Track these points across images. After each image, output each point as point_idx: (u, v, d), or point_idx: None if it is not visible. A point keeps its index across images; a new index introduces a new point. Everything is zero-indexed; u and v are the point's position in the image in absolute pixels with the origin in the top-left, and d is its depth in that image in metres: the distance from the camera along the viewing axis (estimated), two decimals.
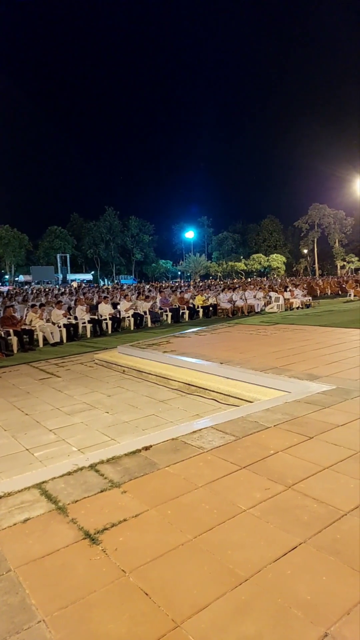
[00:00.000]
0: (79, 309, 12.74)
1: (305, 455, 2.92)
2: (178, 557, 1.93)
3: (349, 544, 1.95)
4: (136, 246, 71.87)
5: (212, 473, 2.73)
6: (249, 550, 1.95)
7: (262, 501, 2.35)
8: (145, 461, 2.97)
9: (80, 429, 4.63)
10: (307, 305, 17.74)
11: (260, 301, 17.64)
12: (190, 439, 3.37)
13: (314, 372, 5.41)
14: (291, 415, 3.77)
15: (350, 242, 68.53)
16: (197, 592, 1.70)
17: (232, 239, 73.87)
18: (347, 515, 2.18)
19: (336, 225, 67.96)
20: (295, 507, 2.28)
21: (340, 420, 3.57)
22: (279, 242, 74.74)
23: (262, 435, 3.36)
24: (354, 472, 2.63)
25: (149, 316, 14.15)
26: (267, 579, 1.76)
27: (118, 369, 7.64)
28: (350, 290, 23.66)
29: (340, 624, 1.52)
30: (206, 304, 16.63)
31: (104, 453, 3.17)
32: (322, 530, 2.07)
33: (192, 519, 2.23)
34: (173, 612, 1.61)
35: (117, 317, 13.50)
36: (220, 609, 1.61)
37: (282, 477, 2.61)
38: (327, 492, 2.41)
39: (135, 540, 2.07)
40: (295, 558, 1.88)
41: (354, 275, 50.59)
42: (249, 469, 2.77)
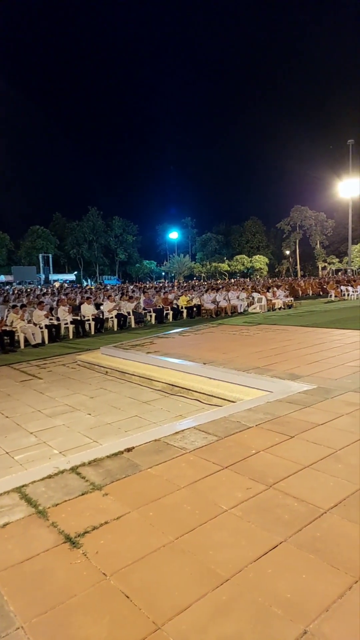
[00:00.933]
0: (61, 310, 12.60)
1: (286, 454, 2.95)
2: (159, 558, 1.93)
3: (328, 542, 1.98)
4: (120, 246, 71.54)
5: (194, 474, 2.74)
6: (231, 550, 1.96)
7: (243, 501, 2.37)
8: (127, 463, 2.96)
9: (62, 431, 4.58)
10: (289, 306, 17.94)
11: (243, 302, 17.76)
12: (173, 439, 3.36)
13: (295, 371, 5.47)
14: (273, 414, 3.81)
15: (331, 243, 69.58)
16: (179, 593, 1.70)
17: (216, 240, 74.21)
18: (327, 513, 2.21)
19: (317, 227, 68.91)
20: (276, 506, 2.29)
21: (321, 419, 3.61)
22: (261, 243, 75.41)
23: (244, 435, 3.38)
24: (333, 471, 2.67)
25: (132, 317, 14.09)
26: (248, 578, 1.77)
27: (101, 370, 7.59)
28: (331, 291, 24.02)
29: (319, 620, 1.53)
30: (190, 304, 16.65)
31: (85, 455, 3.14)
32: (303, 528, 2.09)
33: (174, 520, 2.22)
34: (154, 614, 1.60)
35: (100, 318, 13.41)
36: (201, 610, 1.61)
37: (264, 477, 2.63)
38: (307, 490, 2.44)
39: (117, 542, 2.06)
40: (276, 557, 1.90)
41: (335, 276, 51.40)
42: (231, 468, 2.78)
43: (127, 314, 14.02)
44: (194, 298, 17.45)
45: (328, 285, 26.53)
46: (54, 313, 12.62)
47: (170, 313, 15.67)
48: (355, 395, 4.27)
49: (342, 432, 3.31)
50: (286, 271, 74.43)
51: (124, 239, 71.23)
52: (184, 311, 16.23)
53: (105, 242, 70.53)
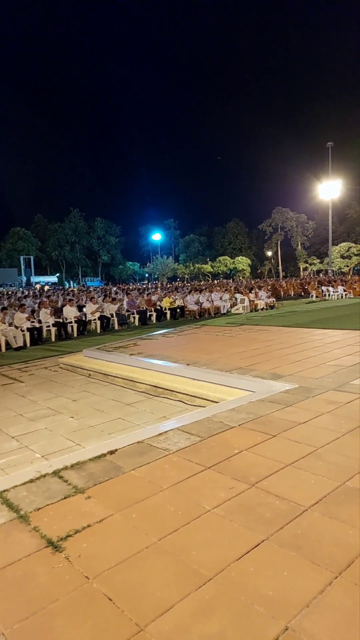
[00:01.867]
0: (43, 312, 12.46)
1: (268, 453, 2.99)
2: (142, 560, 1.92)
3: (309, 539, 2.01)
4: (102, 248, 71.16)
5: (177, 474, 2.74)
6: (213, 549, 1.97)
7: (226, 500, 2.38)
8: (110, 465, 2.95)
9: (44, 435, 4.53)
10: (272, 307, 18.13)
11: (226, 303, 17.87)
12: (156, 441, 3.36)
13: (277, 371, 5.53)
14: (255, 414, 3.84)
15: (312, 244, 70.58)
16: (162, 594, 1.70)
17: (199, 241, 74.52)
18: (308, 510, 2.24)
19: (298, 229, 69.84)
20: (259, 505, 2.32)
21: (302, 418, 3.67)
22: (244, 244, 76.03)
23: (227, 435, 3.41)
24: (314, 468, 2.71)
25: (115, 319, 14.03)
26: (231, 577, 1.78)
27: (84, 372, 7.53)
28: (312, 292, 24.37)
29: (300, 616, 1.56)
30: (173, 305, 16.67)
31: (68, 459, 3.11)
32: (284, 526, 2.12)
33: (157, 521, 2.23)
34: (137, 615, 1.60)
35: (83, 320, 13.31)
36: (184, 610, 1.61)
37: (246, 476, 2.65)
38: (289, 488, 2.47)
39: (100, 545, 2.05)
40: (258, 555, 1.91)
41: (316, 277, 52.18)
42: (214, 469, 2.80)
43: (110, 316, 13.95)
44: (177, 299, 17.47)
45: (309, 286, 26.91)
46: (35, 315, 12.47)
47: (154, 314, 15.65)
48: (335, 393, 4.35)
49: (322, 430, 3.36)
50: (268, 272, 75.16)
51: (106, 240, 70.90)
52: (167, 312, 16.24)
53: (88, 243, 70.09)
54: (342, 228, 67.52)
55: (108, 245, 71.39)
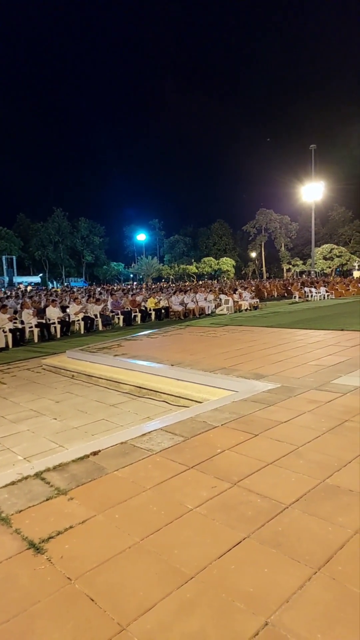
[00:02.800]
0: (26, 313, 12.32)
1: (250, 452, 3.02)
2: (125, 560, 1.93)
3: (289, 536, 2.04)
4: (86, 248, 70.67)
5: (160, 475, 2.75)
6: (195, 548, 1.99)
7: (208, 499, 2.41)
8: (93, 466, 2.94)
9: (27, 436, 4.48)
10: (255, 307, 18.28)
11: (210, 303, 17.95)
12: (139, 441, 3.37)
13: (260, 371, 5.59)
14: (238, 414, 3.88)
15: (295, 246, 71.46)
16: (143, 593, 1.71)
17: (184, 242, 74.68)
18: (289, 508, 2.28)
19: (282, 230, 70.63)
20: (240, 503, 2.35)
21: (284, 417, 3.72)
22: (228, 245, 76.47)
23: (210, 434, 3.43)
24: (295, 467, 2.75)
25: (99, 319, 13.96)
26: (212, 575, 1.80)
27: (67, 374, 7.48)
28: (295, 292, 24.67)
29: (280, 612, 1.58)
30: (158, 306, 16.66)
31: (50, 460, 3.09)
32: (265, 524, 2.15)
33: (139, 521, 2.23)
34: (119, 615, 1.61)
35: (66, 321, 13.20)
36: (165, 608, 1.62)
37: (228, 475, 2.68)
38: (270, 487, 2.51)
39: (82, 546, 2.05)
40: (239, 553, 1.94)
41: (299, 277, 52.82)
42: (197, 468, 2.82)
43: (94, 317, 13.87)
44: (162, 300, 17.47)
45: (292, 287, 27.23)
46: (18, 316, 12.32)
47: (139, 315, 15.62)
48: (316, 393, 4.42)
49: (303, 429, 3.42)
50: (252, 273, 75.74)
51: (90, 240, 70.44)
52: (152, 313, 16.22)
53: (72, 243, 69.52)
54: (324, 230, 68.57)
55: (92, 245, 70.94)
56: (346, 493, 2.39)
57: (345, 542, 1.97)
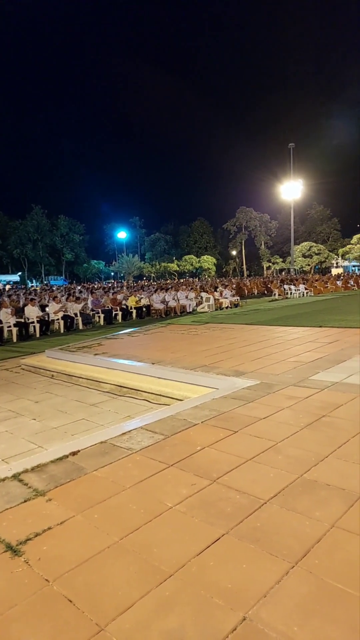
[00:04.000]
0: (4, 312, 12.09)
1: (230, 449, 3.04)
2: (104, 560, 1.92)
3: (267, 531, 2.07)
4: (66, 246, 69.78)
5: (140, 473, 2.75)
6: (174, 546, 1.99)
7: (188, 497, 2.41)
8: (72, 467, 2.91)
9: (5, 437, 4.41)
10: (236, 305, 18.41)
11: (192, 301, 17.99)
12: (119, 441, 3.35)
13: (240, 368, 5.63)
14: (218, 411, 3.90)
15: (275, 244, 72.24)
16: (122, 592, 1.71)
17: (165, 240, 74.56)
18: (267, 503, 2.30)
19: (262, 228, 71.27)
20: (220, 500, 2.36)
21: (263, 413, 3.76)
22: (209, 243, 76.73)
23: (190, 432, 3.44)
24: (273, 462, 2.78)
25: (80, 318, 13.82)
26: (191, 572, 1.81)
27: (46, 373, 7.38)
28: (275, 290, 24.95)
29: (257, 606, 1.60)
30: (139, 304, 16.60)
31: (28, 461, 3.05)
32: (244, 520, 2.17)
33: (119, 520, 2.22)
34: (97, 616, 1.60)
35: (45, 320, 13.02)
36: (144, 607, 1.62)
37: (208, 472, 2.69)
38: (249, 483, 2.53)
39: (60, 547, 2.03)
40: (218, 549, 1.95)
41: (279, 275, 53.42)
42: (177, 466, 2.82)
43: (74, 316, 13.73)
44: (143, 298, 17.41)
45: (272, 285, 27.52)
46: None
47: (120, 314, 15.53)
48: (295, 389, 4.48)
49: (282, 424, 3.46)
50: (233, 271, 76.21)
51: (70, 238, 69.58)
52: (133, 312, 16.15)
53: (51, 241, 68.52)
54: (303, 228, 69.51)
55: (72, 243, 70.08)
56: (323, 487, 2.43)
57: (322, 536, 2.00)
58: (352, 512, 2.17)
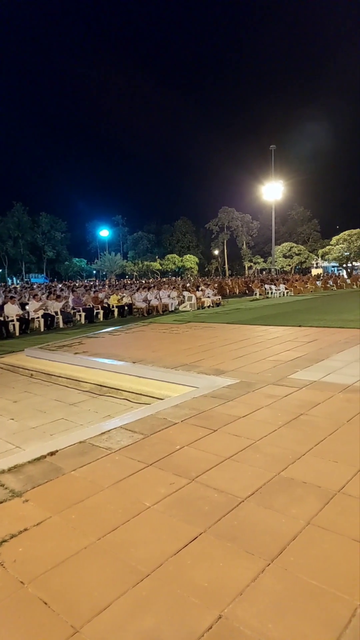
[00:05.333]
0: None
1: (209, 447, 3.05)
2: (80, 561, 1.90)
3: (245, 529, 2.08)
4: (47, 243, 68.77)
5: (119, 473, 2.73)
6: (152, 545, 1.98)
7: (166, 496, 2.41)
8: (50, 467, 2.88)
9: None
10: (218, 304, 18.50)
11: (174, 300, 17.99)
12: (98, 440, 3.33)
13: (220, 367, 5.66)
14: (198, 410, 3.91)
15: (257, 244, 72.85)
16: (99, 593, 1.69)
17: (147, 238, 74.23)
18: (245, 501, 2.32)
19: (243, 228, 71.75)
20: (198, 499, 2.37)
21: (242, 412, 3.78)
22: (192, 243, 76.80)
23: (169, 431, 3.44)
24: (252, 461, 2.81)
25: (60, 317, 13.66)
26: (168, 571, 1.81)
27: (25, 372, 7.27)
28: (256, 290, 25.17)
29: (233, 604, 1.61)
30: (121, 303, 16.51)
31: (5, 462, 3.00)
32: (222, 518, 2.18)
33: (96, 521, 2.21)
34: (73, 617, 1.58)
35: (25, 318, 12.83)
36: (120, 608, 1.61)
37: (187, 471, 2.70)
38: (227, 481, 2.55)
39: (37, 549, 2.00)
40: (195, 548, 1.96)
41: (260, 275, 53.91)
42: (156, 465, 2.82)
43: (54, 314, 13.56)
44: (124, 297, 17.33)
45: (253, 284, 27.76)
46: None
47: (101, 312, 15.42)
48: (274, 387, 4.53)
49: (261, 423, 3.49)
50: (215, 270, 76.52)
51: (52, 235, 68.60)
52: (115, 310, 16.05)
53: (32, 239, 67.44)
54: (284, 228, 70.29)
55: (53, 240, 69.09)
56: (299, 485, 2.47)
57: (297, 533, 2.03)
58: (327, 510, 2.21)
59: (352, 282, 32.98)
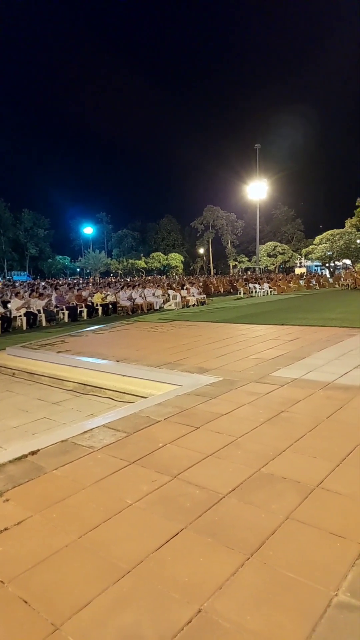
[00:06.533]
0: None
1: (191, 445, 3.08)
2: (61, 559, 1.90)
3: (225, 525, 2.11)
4: (30, 241, 67.92)
5: (101, 471, 2.73)
6: (133, 542, 2.00)
7: (148, 493, 2.42)
8: (31, 466, 2.86)
9: None
10: (202, 303, 18.57)
11: (159, 299, 17.98)
12: (81, 439, 3.32)
13: (204, 365, 5.69)
14: (181, 407, 3.93)
15: (241, 243, 73.31)
16: (79, 591, 1.70)
17: (132, 236, 73.96)
18: (225, 497, 2.35)
19: (228, 227, 72.12)
20: (179, 496, 2.39)
21: (224, 409, 3.82)
22: (177, 241, 76.83)
23: (152, 429, 3.45)
24: (233, 457, 2.84)
25: (43, 315, 13.52)
26: (149, 567, 1.82)
27: (7, 372, 7.19)
28: (240, 289, 25.34)
29: (213, 598, 1.64)
30: (105, 301, 16.42)
31: None
32: (202, 514, 2.20)
33: (78, 519, 2.21)
34: (53, 615, 1.58)
35: (7, 317, 12.66)
36: (101, 604, 1.62)
37: (169, 468, 2.71)
38: (208, 478, 2.57)
39: (17, 548, 1.99)
40: (176, 544, 1.98)
41: (244, 274, 54.26)
42: (138, 463, 2.83)
43: (37, 312, 13.41)
44: (109, 295, 17.24)
45: (237, 283, 27.92)
46: None
47: (85, 311, 15.31)
48: (256, 385, 4.58)
49: (243, 420, 3.54)
50: (200, 269, 76.71)
51: (34, 232, 67.77)
52: (99, 309, 15.96)
53: (14, 235, 66.52)
54: (268, 227, 70.90)
55: (36, 238, 68.26)
56: (279, 480, 2.51)
57: (277, 528, 2.06)
58: (305, 504, 2.25)
59: (335, 282, 33.48)
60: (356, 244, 43.71)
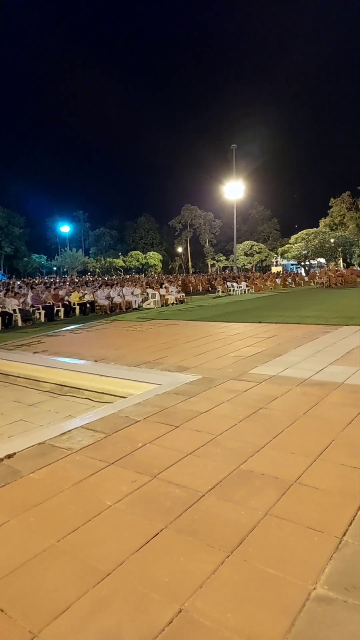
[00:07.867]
0: None
1: (171, 444, 3.07)
2: (39, 564, 1.87)
3: (205, 523, 2.11)
4: (5, 239, 66.47)
5: (79, 473, 2.70)
6: (113, 544, 1.98)
7: (128, 494, 2.40)
8: (7, 470, 2.80)
9: None
10: (181, 301, 18.58)
11: (137, 297, 17.89)
12: (58, 441, 3.27)
13: (183, 363, 5.69)
14: (160, 406, 3.92)
15: (219, 242, 73.79)
16: (58, 595, 1.67)
17: (110, 235, 73.42)
18: (205, 496, 2.36)
19: (206, 226, 72.49)
20: (159, 495, 2.38)
21: (204, 407, 3.83)
22: (155, 240, 76.69)
23: (131, 429, 3.43)
24: (212, 455, 2.85)
25: (18, 315, 13.26)
26: (129, 569, 1.81)
27: None
28: (219, 287, 25.49)
29: (193, 597, 1.63)
30: (83, 300, 16.23)
31: None
32: (182, 513, 2.20)
33: (56, 522, 2.17)
34: (31, 622, 1.55)
35: None
36: (80, 608, 1.60)
37: (149, 468, 2.70)
38: (188, 476, 2.57)
39: None
40: (156, 544, 1.97)
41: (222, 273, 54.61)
42: (117, 464, 2.80)
43: (12, 312, 13.14)
44: (87, 294, 17.05)
45: (216, 282, 28.08)
46: None
47: (62, 310, 15.09)
48: (235, 382, 4.61)
49: (222, 418, 3.55)
50: (179, 268, 76.78)
51: (9, 231, 66.34)
52: (76, 308, 15.76)
53: None
54: (245, 227, 71.58)
55: (11, 236, 66.84)
56: (258, 477, 2.53)
57: (256, 524, 2.08)
58: (284, 500, 2.28)
59: (310, 280, 34.06)
60: (330, 243, 44.61)
